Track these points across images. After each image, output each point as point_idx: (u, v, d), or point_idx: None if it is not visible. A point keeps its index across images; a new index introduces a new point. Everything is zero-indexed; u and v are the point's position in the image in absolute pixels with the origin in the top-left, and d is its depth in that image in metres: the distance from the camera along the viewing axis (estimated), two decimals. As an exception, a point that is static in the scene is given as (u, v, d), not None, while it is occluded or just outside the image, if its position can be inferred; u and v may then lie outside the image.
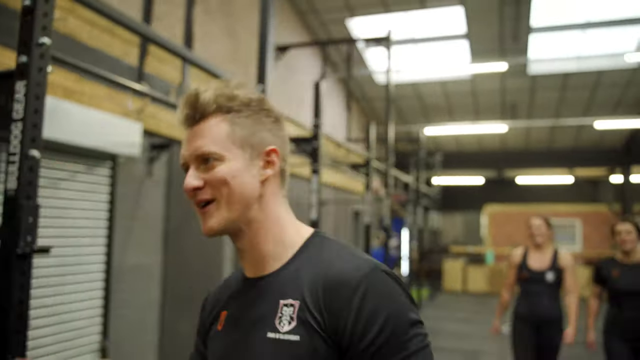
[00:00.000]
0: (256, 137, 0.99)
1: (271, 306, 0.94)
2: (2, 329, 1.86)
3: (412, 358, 0.85)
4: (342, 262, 0.91)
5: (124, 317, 5.21)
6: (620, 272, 3.75)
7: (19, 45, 1.96)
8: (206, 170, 0.96)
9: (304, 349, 0.87)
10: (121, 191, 5.16)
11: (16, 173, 1.90)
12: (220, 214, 0.96)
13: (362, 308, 0.85)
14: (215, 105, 0.97)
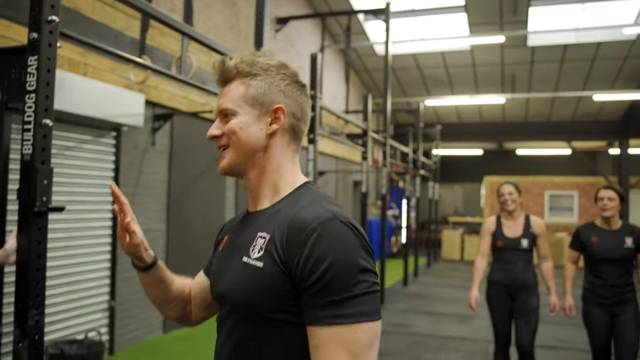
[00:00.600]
0: (266, 97, 1.15)
1: (251, 236, 1.11)
2: (23, 280, 2.09)
3: (354, 300, 0.95)
4: (307, 209, 1.05)
5: (130, 279, 5.48)
6: (599, 238, 3.72)
7: (30, 23, 2.14)
8: (224, 123, 1.16)
9: (265, 274, 1.02)
10: (125, 160, 5.38)
11: (31, 140, 2.11)
12: (229, 157, 1.16)
13: (312, 251, 0.98)
14: (236, 70, 1.16)
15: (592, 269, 3.78)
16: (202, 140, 6.70)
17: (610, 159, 17.61)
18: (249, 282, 1.05)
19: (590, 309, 3.75)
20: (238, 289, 1.07)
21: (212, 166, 6.94)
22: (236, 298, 1.08)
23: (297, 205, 1.08)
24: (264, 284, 1.02)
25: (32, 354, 2.10)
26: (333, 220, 1.00)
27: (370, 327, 0.97)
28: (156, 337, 5.90)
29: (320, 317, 0.96)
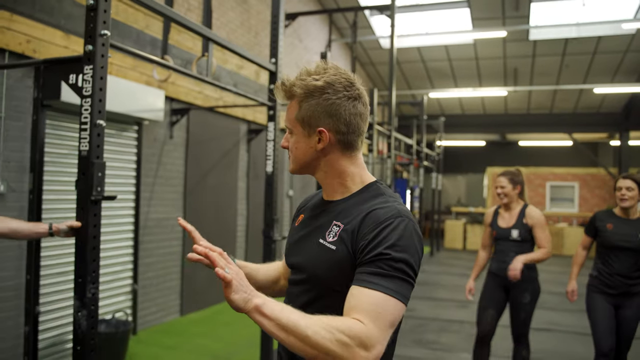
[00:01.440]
0: (312, 120, 1.32)
1: (327, 222, 1.33)
2: (82, 258, 2.44)
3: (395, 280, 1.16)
4: (380, 206, 1.27)
5: (150, 265, 5.85)
6: (614, 225, 3.64)
7: (85, 36, 2.47)
8: (290, 138, 1.40)
9: (337, 255, 1.25)
10: (146, 152, 5.72)
11: (87, 138, 2.44)
12: (292, 165, 1.41)
13: (380, 234, 1.20)
14: (290, 94, 1.35)
15: (603, 256, 3.71)
16: (216, 133, 7.05)
17: (611, 150, 17.88)
18: (323, 259, 1.29)
19: (594, 296, 3.71)
20: (314, 264, 1.31)
21: (225, 158, 7.28)
22: (310, 270, 1.32)
23: (368, 202, 1.30)
24: (335, 263, 1.26)
25: (89, 321, 2.44)
26: (402, 219, 1.23)
27: (398, 305, 1.16)
28: (174, 320, 6.27)
29: (370, 282, 1.16)
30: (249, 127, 7.92)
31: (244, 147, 7.83)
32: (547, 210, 16.84)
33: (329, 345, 1.08)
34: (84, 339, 2.43)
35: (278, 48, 4.39)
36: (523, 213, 3.94)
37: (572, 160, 17.97)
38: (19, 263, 4.32)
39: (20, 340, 4.34)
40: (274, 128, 4.33)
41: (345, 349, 1.09)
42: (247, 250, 7.94)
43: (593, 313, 3.70)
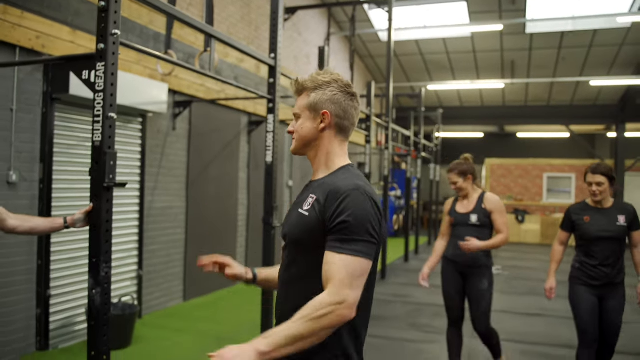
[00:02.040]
0: (318, 105, 1.65)
1: (307, 196, 1.63)
2: (96, 240, 2.66)
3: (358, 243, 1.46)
4: (342, 181, 1.56)
5: (155, 252, 6.07)
6: (591, 217, 3.60)
7: (97, 35, 2.67)
8: (296, 123, 1.70)
9: (308, 219, 1.55)
10: (150, 143, 5.93)
11: (100, 129, 2.65)
12: (294, 144, 1.70)
13: (339, 206, 1.49)
14: (303, 87, 1.68)
15: (583, 248, 3.66)
16: (218, 125, 7.26)
17: (608, 142, 18.07)
18: (298, 224, 1.59)
19: (578, 288, 3.66)
20: (293, 230, 1.62)
21: (226, 149, 7.49)
22: (291, 236, 1.62)
23: (337, 179, 1.59)
24: (306, 226, 1.56)
25: (103, 298, 2.66)
26: (356, 191, 1.51)
27: (363, 262, 1.46)
28: (178, 305, 6.51)
29: (335, 247, 1.47)
30: (250, 119, 8.12)
31: (244, 138, 8.03)
32: (544, 201, 17.06)
33: (319, 326, 1.38)
34: (98, 315, 2.66)
35: (277, 43, 4.58)
36: (482, 199, 3.95)
37: (569, 151, 18.16)
38: (30, 249, 4.54)
39: (33, 321, 4.57)
40: (273, 120, 4.53)
41: (329, 318, 1.39)
42: (247, 238, 8.16)
43: (577, 305, 3.65)
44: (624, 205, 3.64)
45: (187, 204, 6.64)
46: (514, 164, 17.53)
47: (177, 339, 5.22)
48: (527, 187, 17.41)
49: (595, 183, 3.55)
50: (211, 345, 5.01)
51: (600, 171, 3.54)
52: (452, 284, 4.09)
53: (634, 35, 12.30)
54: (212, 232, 7.19)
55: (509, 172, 17.78)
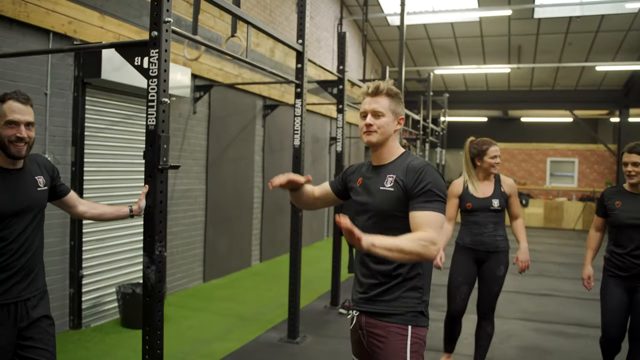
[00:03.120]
0: (397, 110, 2.13)
1: (384, 176, 2.08)
2: (150, 219, 2.78)
3: (438, 202, 1.94)
4: (415, 161, 2.05)
5: (177, 234, 6.20)
6: (623, 202, 3.38)
7: (150, 23, 2.76)
8: (376, 118, 2.09)
9: (395, 194, 2.02)
10: (172, 126, 6.03)
11: (154, 114, 2.75)
12: (378, 137, 2.10)
13: (419, 177, 1.97)
14: (386, 92, 2.09)
15: (614, 236, 3.45)
16: (235, 109, 7.35)
17: (610, 126, 18.17)
18: (384, 198, 2.04)
19: (607, 281, 3.46)
20: (379, 202, 2.07)
21: (243, 133, 7.59)
22: (377, 205, 2.07)
23: (407, 160, 2.09)
24: (393, 198, 2.02)
25: (157, 276, 2.79)
26: (428, 165, 2.02)
27: (442, 217, 1.94)
28: (198, 286, 6.66)
29: (423, 206, 1.93)
30: (265, 102, 8.21)
31: (259, 122, 8.13)
32: (547, 185, 17.21)
33: (417, 249, 1.77)
34: (152, 291, 2.79)
35: (304, 29, 4.68)
36: (499, 181, 3.79)
37: (573, 136, 18.26)
38: (64, 230, 4.66)
39: (66, 300, 4.72)
40: (301, 105, 4.63)
41: (425, 248, 1.79)
42: (262, 220, 8.29)
43: (604, 298, 3.48)
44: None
45: (207, 187, 6.75)
46: (518, 148, 17.66)
47: (201, 317, 5.37)
48: (530, 171, 17.57)
49: (631, 163, 3.32)
50: (234, 324, 5.17)
51: (637, 151, 3.32)
52: (463, 274, 3.84)
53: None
54: (229, 215, 7.31)
55: (513, 157, 17.91)
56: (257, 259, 8.22)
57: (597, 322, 5.24)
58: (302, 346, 4.60)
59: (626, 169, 3.36)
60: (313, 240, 10.33)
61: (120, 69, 4.65)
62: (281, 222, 8.65)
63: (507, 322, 5.46)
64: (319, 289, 6.63)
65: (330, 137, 11.06)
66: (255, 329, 5.02)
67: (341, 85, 5.71)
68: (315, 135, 10.30)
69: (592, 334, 5.09)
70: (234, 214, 7.46)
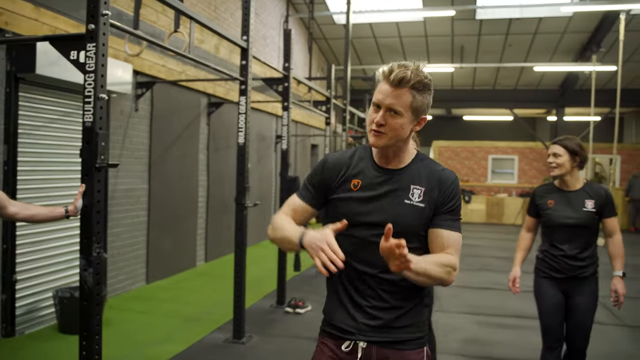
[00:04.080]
0: (421, 110, 1.65)
1: (404, 186, 1.69)
2: (88, 220, 2.66)
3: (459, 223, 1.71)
4: (444, 170, 1.73)
5: (118, 234, 6.01)
6: (555, 201, 3.19)
7: (87, 16, 2.64)
8: (390, 117, 1.62)
9: (426, 211, 1.68)
10: (113, 124, 5.84)
11: (91, 110, 2.64)
12: (386, 140, 1.64)
13: (452, 192, 1.69)
14: (411, 83, 1.58)
15: (547, 236, 3.25)
16: (178, 106, 7.20)
17: (548, 125, 18.91)
18: (413, 215, 1.67)
19: (541, 282, 3.27)
20: (404, 219, 1.66)
21: (187, 131, 7.44)
22: (401, 224, 1.63)
23: (429, 167, 1.73)
24: (423, 216, 1.68)
25: (95, 278, 2.68)
26: (456, 179, 1.74)
27: (461, 237, 1.73)
28: (141, 287, 6.47)
29: (450, 226, 1.69)
30: (209, 100, 8.08)
31: (204, 120, 7.99)
32: (488, 182, 17.73)
33: (443, 275, 1.60)
34: (90, 295, 2.68)
35: (249, 26, 4.62)
36: None
37: (513, 134, 18.88)
38: (-5, 232, 4.43)
39: (-2, 307, 4.48)
40: (245, 102, 4.57)
41: (448, 274, 1.62)
42: (207, 220, 8.16)
43: (539, 301, 3.30)
44: (594, 188, 3.17)
45: (150, 186, 6.57)
46: (461, 146, 18.09)
47: (144, 320, 5.22)
48: (472, 168, 18.03)
49: (552, 154, 3.18)
50: (179, 325, 5.06)
51: (561, 143, 3.17)
52: None
53: (575, 24, 12.89)
54: (173, 214, 7.15)
55: (456, 154, 18.33)
56: (202, 258, 8.08)
57: (535, 314, 5.45)
58: (248, 346, 4.54)
59: (548, 160, 3.23)
60: (259, 239, 10.25)
61: (56, 64, 4.45)
62: (227, 221, 8.53)
63: (451, 316, 5.58)
64: (265, 288, 6.58)
65: (276, 135, 11.00)
66: (200, 330, 4.93)
67: (286, 82, 5.67)
68: (261, 133, 10.22)
69: (531, 325, 5.26)
70: (178, 214, 7.30)
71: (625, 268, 3.22)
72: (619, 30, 10.20)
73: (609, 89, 14.54)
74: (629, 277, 3.38)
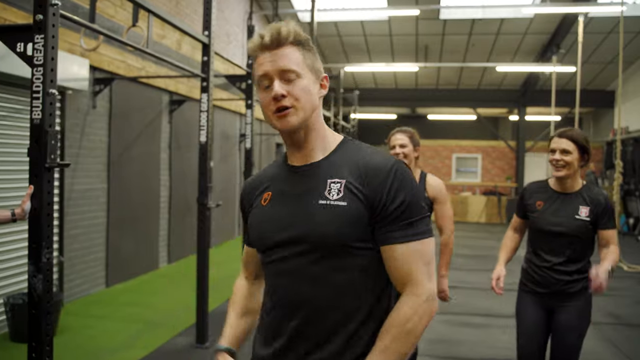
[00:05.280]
0: (316, 66, 1.28)
1: (319, 183, 1.25)
2: (37, 224, 2.50)
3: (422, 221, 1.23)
4: (377, 155, 1.26)
5: (76, 236, 5.80)
6: (545, 203, 2.73)
7: (35, 6, 2.48)
8: (287, 84, 1.22)
9: (350, 210, 1.20)
10: (69, 122, 5.62)
11: (40, 107, 2.49)
12: (299, 116, 1.23)
13: (393, 185, 1.20)
14: (292, 38, 1.24)
15: (532, 243, 2.83)
16: (139, 104, 6.99)
17: (510, 124, 19.21)
18: (331, 218, 1.21)
19: (523, 297, 2.84)
20: (319, 227, 1.21)
21: (148, 129, 7.23)
22: (315, 235, 1.21)
23: (360, 154, 1.27)
24: (351, 218, 1.20)
25: (44, 285, 2.53)
26: (400, 164, 1.24)
27: (431, 242, 1.24)
28: (101, 291, 6.25)
29: (400, 236, 1.20)
30: (171, 97, 7.88)
31: (166, 118, 7.79)
32: (452, 180, 17.92)
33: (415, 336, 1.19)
34: (40, 302, 2.52)
35: (211, 21, 4.48)
36: (424, 182, 3.04)
37: (476, 133, 19.11)
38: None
39: (-55, 314, 4.24)
40: (207, 99, 4.44)
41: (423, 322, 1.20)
42: (170, 220, 7.96)
43: (518, 319, 2.85)
44: (593, 193, 2.68)
45: (109, 186, 6.36)
46: (425, 145, 18.17)
47: (104, 325, 5.03)
48: (437, 167, 18.20)
49: (560, 150, 2.61)
50: (140, 330, 4.89)
51: (570, 136, 2.61)
52: None
53: (536, 26, 13.11)
54: (134, 215, 6.94)
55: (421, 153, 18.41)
56: (165, 260, 7.88)
57: (503, 312, 5.51)
58: (211, 351, 4.41)
59: (553, 157, 2.65)
60: (223, 239, 10.09)
61: (4, 58, 4.23)
62: (190, 221, 8.33)
63: (417, 315, 5.55)
64: (229, 291, 6.41)
65: (240, 133, 10.84)
66: (163, 334, 4.77)
67: (249, 80, 5.56)
68: (225, 131, 10.05)
69: (498, 323, 5.29)
70: (139, 214, 7.09)
71: None
72: (577, 32, 10.40)
73: (569, 89, 14.85)
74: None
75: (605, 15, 12.08)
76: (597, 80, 15.99)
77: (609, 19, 12.07)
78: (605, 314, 5.77)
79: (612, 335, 5.11)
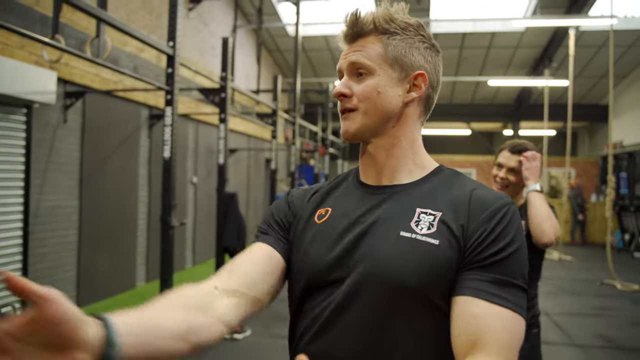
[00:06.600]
0: (407, 59, 1.00)
1: (404, 211, 0.97)
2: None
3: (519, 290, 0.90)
4: (484, 190, 0.98)
5: (43, 255, 5.57)
6: None
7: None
8: (357, 82, 1.00)
9: (442, 253, 0.90)
10: (37, 137, 5.43)
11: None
12: (361, 122, 1.00)
13: (498, 225, 0.91)
14: (373, 25, 1.01)
15: None
16: (115, 118, 6.81)
17: (504, 139, 19.03)
18: (419, 259, 0.91)
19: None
20: (402, 268, 0.91)
21: (125, 144, 7.05)
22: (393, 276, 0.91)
23: (462, 186, 1.00)
24: (440, 261, 0.91)
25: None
26: (513, 205, 0.95)
27: (523, 324, 0.89)
28: (70, 311, 6.01)
29: (486, 292, 0.88)
30: (151, 112, 7.70)
31: (145, 132, 7.61)
32: (446, 196, 17.74)
33: None
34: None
35: (176, 31, 4.30)
36: None
37: (470, 148, 18.99)
38: None
39: None
40: (171, 113, 4.26)
41: None
42: (148, 238, 7.74)
43: None
44: None
45: (81, 203, 6.15)
46: (419, 160, 18.04)
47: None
48: (431, 182, 18.03)
49: (508, 168, 2.40)
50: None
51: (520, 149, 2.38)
52: None
53: (528, 39, 13.01)
54: (109, 232, 6.72)
55: (414, 168, 18.29)
56: (142, 279, 7.64)
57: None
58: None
59: (497, 174, 2.44)
60: (208, 256, 9.86)
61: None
62: (171, 238, 8.13)
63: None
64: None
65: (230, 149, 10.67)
66: None
67: (224, 93, 5.38)
68: (210, 146, 9.86)
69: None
70: (115, 232, 6.87)
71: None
72: (569, 46, 10.28)
73: (562, 103, 14.72)
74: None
75: (596, 29, 11.98)
76: (591, 94, 15.86)
77: (601, 33, 11.96)
78: (595, 335, 5.52)
79: (601, 359, 4.88)
